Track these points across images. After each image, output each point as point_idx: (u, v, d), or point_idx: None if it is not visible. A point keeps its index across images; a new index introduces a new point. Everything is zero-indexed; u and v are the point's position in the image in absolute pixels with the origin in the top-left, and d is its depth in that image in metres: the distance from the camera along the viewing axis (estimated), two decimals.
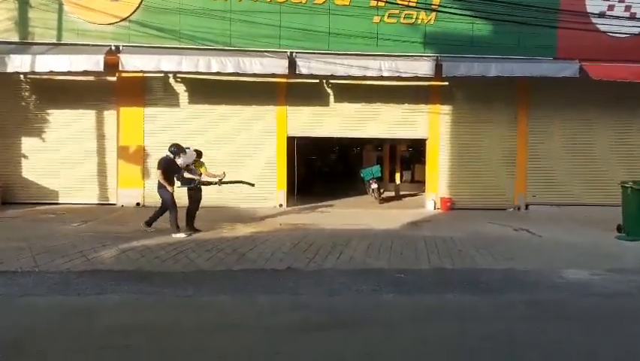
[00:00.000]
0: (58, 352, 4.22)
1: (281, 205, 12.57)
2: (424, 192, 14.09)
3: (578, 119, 12.95)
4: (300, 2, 11.94)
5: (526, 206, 12.96)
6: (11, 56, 10.89)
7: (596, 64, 11.79)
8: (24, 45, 11.44)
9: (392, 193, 15.37)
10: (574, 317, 5.29)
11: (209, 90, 12.36)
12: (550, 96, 12.80)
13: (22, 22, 11.67)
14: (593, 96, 12.66)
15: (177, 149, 9.09)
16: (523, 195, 12.99)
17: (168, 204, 8.96)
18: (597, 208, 12.47)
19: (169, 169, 8.99)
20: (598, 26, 12.30)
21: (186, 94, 12.50)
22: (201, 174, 9.50)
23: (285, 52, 11.71)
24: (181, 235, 8.69)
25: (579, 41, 12.03)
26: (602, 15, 12.29)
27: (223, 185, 9.69)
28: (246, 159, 12.50)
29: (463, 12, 11.77)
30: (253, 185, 10.39)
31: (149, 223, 9.17)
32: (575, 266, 7.26)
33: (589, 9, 12.30)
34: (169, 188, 8.91)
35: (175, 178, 9.10)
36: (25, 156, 12.35)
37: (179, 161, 9.07)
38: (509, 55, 12.08)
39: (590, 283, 6.55)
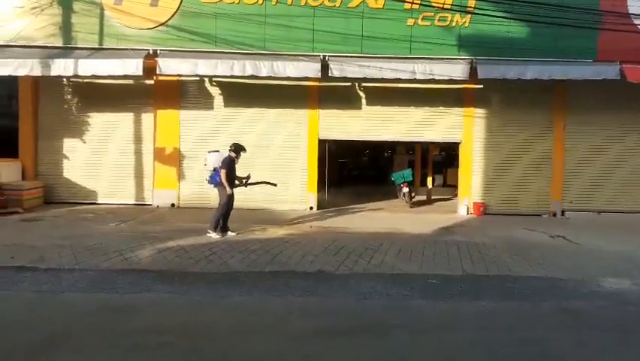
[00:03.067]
0: (96, 348, 4.38)
1: (311, 208, 12.62)
2: (456, 196, 13.90)
3: (618, 123, 12.54)
4: (334, 6, 11.98)
5: (563, 212, 12.63)
6: (55, 60, 11.26)
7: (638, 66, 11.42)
8: (67, 49, 11.83)
9: (423, 197, 15.22)
10: (612, 327, 5.14)
11: (243, 93, 12.54)
12: (589, 100, 12.45)
13: (66, 28, 12.06)
14: (634, 100, 12.25)
15: (236, 147, 9.14)
16: (560, 200, 12.67)
17: (222, 202, 9.04)
18: (638, 215, 12.08)
19: (231, 169, 9.04)
20: None
21: (221, 97, 12.71)
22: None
23: (318, 55, 11.76)
24: (216, 236, 8.85)
25: (620, 43, 11.62)
26: None
27: (249, 186, 9.80)
28: (277, 161, 12.62)
29: (499, 14, 11.56)
30: (275, 185, 10.57)
31: (223, 229, 9.06)
32: (614, 275, 7.06)
33: (630, 10, 11.90)
34: (228, 189, 8.94)
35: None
36: (66, 157, 12.78)
37: (211, 161, 9.16)
38: (547, 57, 11.81)
39: (629, 292, 6.36)
